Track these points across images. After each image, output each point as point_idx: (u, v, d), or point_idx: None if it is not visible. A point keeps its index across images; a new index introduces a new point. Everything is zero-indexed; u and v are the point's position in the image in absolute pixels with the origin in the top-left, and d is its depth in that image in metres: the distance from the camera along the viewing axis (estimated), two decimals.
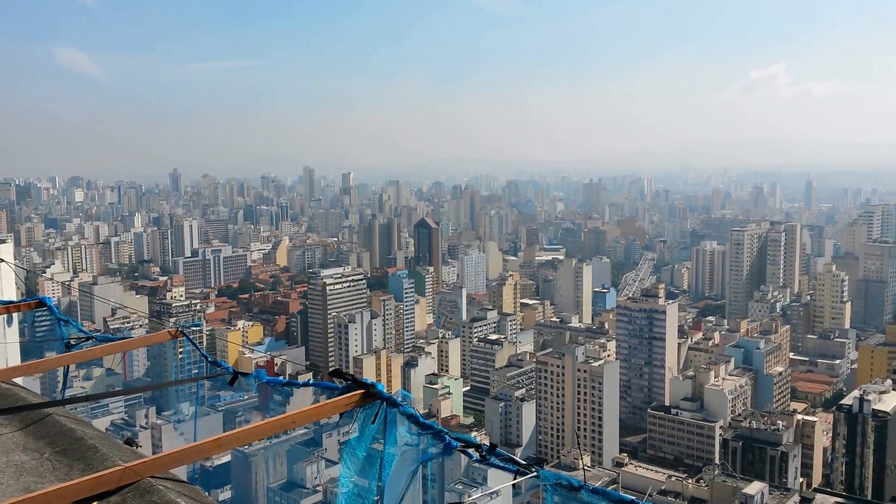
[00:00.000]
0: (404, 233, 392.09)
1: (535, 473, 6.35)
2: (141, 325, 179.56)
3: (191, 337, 7.72)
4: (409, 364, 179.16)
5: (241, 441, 5.23)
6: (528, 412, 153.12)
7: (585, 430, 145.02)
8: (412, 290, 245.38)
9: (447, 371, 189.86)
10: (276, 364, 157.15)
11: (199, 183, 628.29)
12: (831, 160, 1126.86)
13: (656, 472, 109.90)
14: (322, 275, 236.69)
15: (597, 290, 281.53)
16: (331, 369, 6.75)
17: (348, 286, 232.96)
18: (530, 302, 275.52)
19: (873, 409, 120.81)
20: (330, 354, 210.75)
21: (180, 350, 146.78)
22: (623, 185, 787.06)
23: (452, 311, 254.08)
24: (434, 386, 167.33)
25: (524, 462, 6.31)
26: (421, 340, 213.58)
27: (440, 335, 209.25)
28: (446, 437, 6.08)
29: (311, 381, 6.64)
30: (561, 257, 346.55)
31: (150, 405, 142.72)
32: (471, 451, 6.21)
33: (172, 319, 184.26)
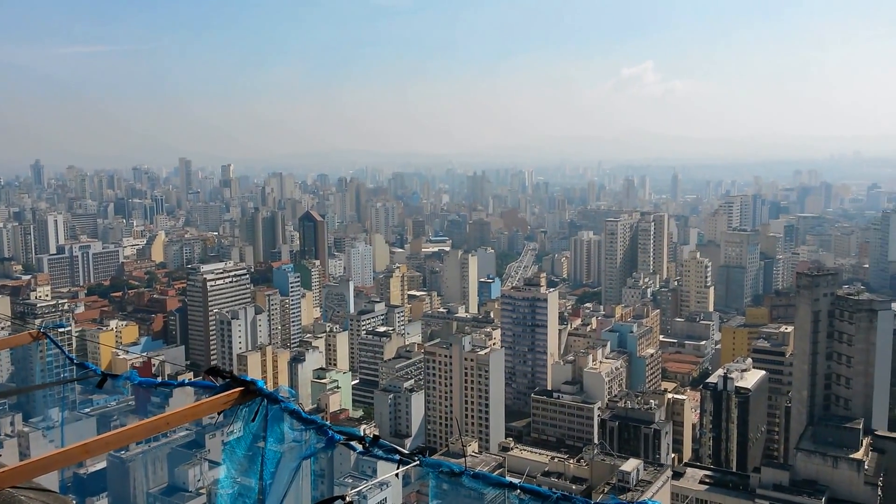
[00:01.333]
0: (289, 226, 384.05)
1: (417, 462, 6.48)
2: (2, 328, 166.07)
3: (55, 338, 7.30)
4: (296, 359, 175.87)
5: (111, 445, 5.02)
6: (417, 402, 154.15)
7: (473, 417, 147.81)
8: (298, 284, 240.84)
9: (335, 365, 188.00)
10: (154, 365, 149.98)
11: (64, 175, 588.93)
12: (694, 154, 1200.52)
13: (540, 454, 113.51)
14: (202, 270, 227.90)
15: (482, 280, 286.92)
16: (208, 367, 6.53)
17: (230, 282, 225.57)
18: (418, 293, 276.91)
19: (736, 387, 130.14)
20: (212, 353, 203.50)
21: (42, 353, 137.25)
22: (506, 177, 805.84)
23: (340, 304, 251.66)
24: (322, 381, 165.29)
25: (406, 452, 6.43)
26: (308, 335, 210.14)
27: (328, 329, 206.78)
28: (329, 431, 6.10)
29: (186, 381, 6.45)
30: (447, 249, 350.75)
31: (16, 412, 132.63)
32: (354, 443, 6.26)
33: (38, 320, 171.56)
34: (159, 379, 7.35)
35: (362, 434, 6.16)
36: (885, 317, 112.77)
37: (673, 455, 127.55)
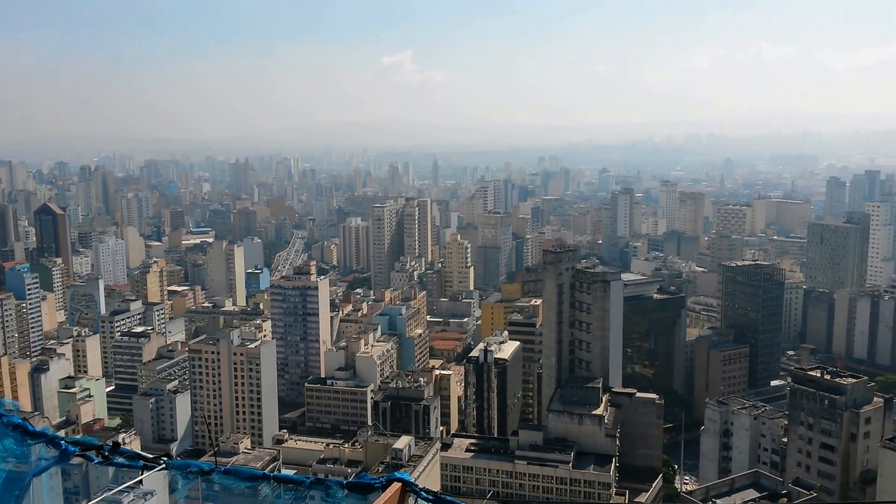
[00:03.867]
0: (22, 221, 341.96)
1: (162, 465, 6.45)
2: None
3: None
4: (38, 369, 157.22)
5: None
6: (183, 404, 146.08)
7: (244, 412, 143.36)
8: (36, 285, 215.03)
9: (86, 372, 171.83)
10: None
11: None
12: (453, 141, 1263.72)
13: (315, 442, 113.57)
14: None
15: (250, 271, 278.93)
16: None
17: None
18: (179, 289, 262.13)
19: (495, 358, 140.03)
20: None
21: None
22: (270, 164, 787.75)
23: (88, 305, 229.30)
24: (71, 390, 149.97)
25: (151, 456, 6.37)
26: (51, 341, 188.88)
27: (75, 333, 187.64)
28: (61, 442, 5.85)
29: None
30: (210, 240, 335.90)
31: None
32: (91, 453, 6.06)
33: None
34: None
35: (100, 443, 5.98)
36: (616, 286, 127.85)
37: (442, 428, 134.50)
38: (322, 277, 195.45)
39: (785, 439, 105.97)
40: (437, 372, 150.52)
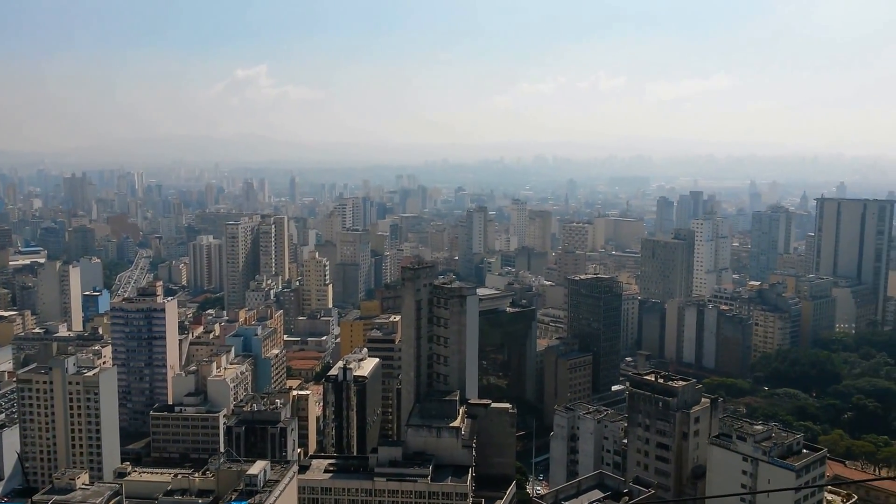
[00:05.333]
0: None
1: None
2: None
3: None
4: None
5: None
6: (10, 439, 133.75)
7: (82, 445, 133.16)
8: None
9: None
10: None
11: None
12: (310, 158, 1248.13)
13: (162, 473, 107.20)
14: None
15: (87, 293, 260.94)
16: None
17: None
18: (6, 314, 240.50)
19: (354, 376, 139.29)
20: None
21: None
22: (111, 179, 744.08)
23: None
24: None
25: None
26: None
27: None
28: None
29: None
30: (42, 260, 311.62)
31: None
32: None
33: None
34: None
35: None
36: (472, 301, 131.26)
37: (300, 450, 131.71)
38: (170, 298, 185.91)
39: (626, 440, 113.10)
40: (294, 392, 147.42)
